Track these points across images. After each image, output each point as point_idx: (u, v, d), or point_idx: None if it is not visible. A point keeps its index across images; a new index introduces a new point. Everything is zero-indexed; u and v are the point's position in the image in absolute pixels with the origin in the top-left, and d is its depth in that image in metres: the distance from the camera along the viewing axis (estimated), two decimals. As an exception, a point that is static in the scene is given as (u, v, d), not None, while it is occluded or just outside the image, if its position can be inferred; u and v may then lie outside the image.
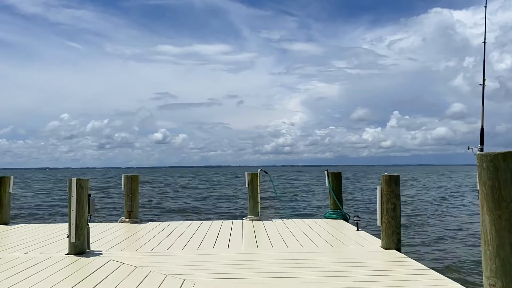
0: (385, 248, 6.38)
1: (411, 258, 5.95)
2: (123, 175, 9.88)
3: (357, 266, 5.46)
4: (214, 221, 9.83)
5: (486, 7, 8.81)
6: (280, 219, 9.87)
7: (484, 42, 8.73)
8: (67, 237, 6.32)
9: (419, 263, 5.58)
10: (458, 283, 4.60)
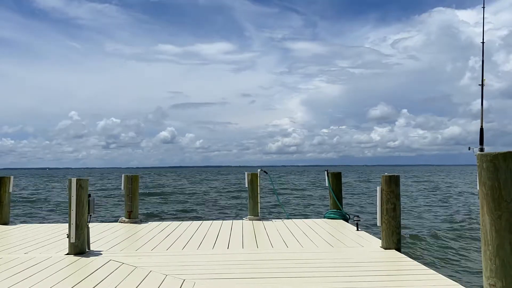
0: (385, 248, 6.38)
1: (411, 258, 5.95)
2: (123, 175, 9.88)
3: (357, 266, 5.46)
4: (214, 221, 9.83)
5: (484, 7, 8.86)
6: (280, 219, 9.87)
7: (483, 43, 8.77)
8: (67, 237, 6.32)
9: (419, 263, 5.58)
10: (458, 283, 4.60)
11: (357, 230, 8.08)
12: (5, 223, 9.32)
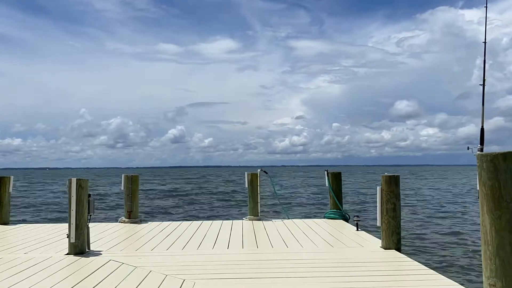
0: (385, 248, 6.38)
1: (411, 258, 5.95)
2: (123, 175, 9.89)
3: (357, 266, 5.46)
4: (214, 221, 9.84)
5: (486, 7, 8.86)
6: (280, 219, 9.88)
7: (485, 42, 8.79)
8: (67, 237, 6.32)
9: (419, 263, 5.58)
10: (458, 283, 4.60)
11: (357, 230, 8.08)
12: (5, 223, 9.32)
